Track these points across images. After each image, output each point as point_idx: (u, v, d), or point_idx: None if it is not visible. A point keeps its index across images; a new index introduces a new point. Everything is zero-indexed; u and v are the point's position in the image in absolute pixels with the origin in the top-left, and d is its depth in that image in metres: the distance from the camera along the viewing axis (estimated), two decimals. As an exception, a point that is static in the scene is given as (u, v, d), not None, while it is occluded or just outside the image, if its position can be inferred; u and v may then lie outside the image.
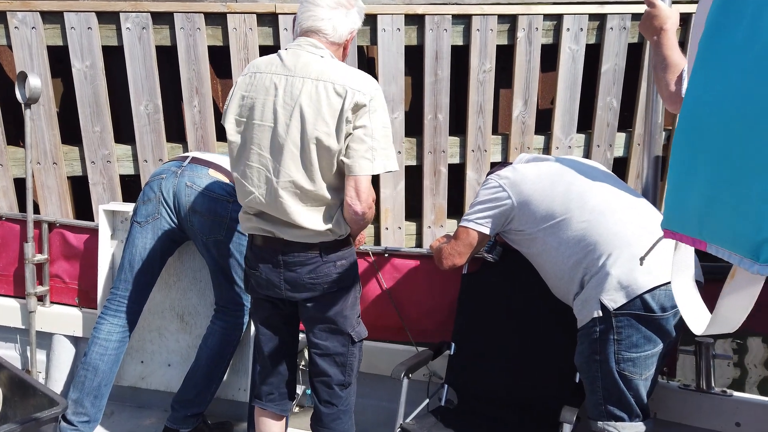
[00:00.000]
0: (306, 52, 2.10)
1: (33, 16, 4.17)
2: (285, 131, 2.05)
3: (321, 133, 2.02)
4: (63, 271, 3.29)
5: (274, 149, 2.08)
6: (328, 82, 2.04)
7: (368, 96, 2.04)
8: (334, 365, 2.28)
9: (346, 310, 2.25)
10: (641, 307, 2.00)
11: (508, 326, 2.59)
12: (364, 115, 2.04)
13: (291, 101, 2.04)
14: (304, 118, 2.03)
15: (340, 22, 2.13)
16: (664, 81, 1.98)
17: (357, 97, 2.02)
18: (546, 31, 4.69)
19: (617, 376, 2.07)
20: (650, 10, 2.10)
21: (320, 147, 2.03)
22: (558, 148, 4.87)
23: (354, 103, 2.02)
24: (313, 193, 2.08)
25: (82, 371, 2.75)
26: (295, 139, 2.04)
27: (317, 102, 2.02)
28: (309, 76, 2.05)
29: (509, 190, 2.33)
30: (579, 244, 2.15)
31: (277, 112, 2.06)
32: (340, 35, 2.15)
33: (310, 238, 2.14)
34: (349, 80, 2.04)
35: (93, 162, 4.46)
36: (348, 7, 2.15)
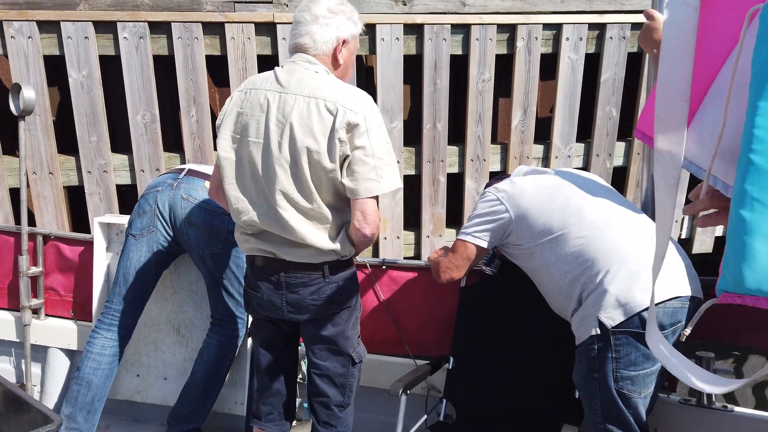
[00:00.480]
0: (300, 68, 2.08)
1: (29, 25, 4.16)
2: (278, 149, 2.03)
3: (312, 151, 1.99)
4: (58, 283, 3.27)
5: (269, 167, 2.05)
6: (320, 99, 2.01)
7: (361, 115, 2.01)
8: (333, 386, 2.26)
9: (347, 330, 2.23)
10: (639, 324, 1.98)
11: (507, 340, 2.58)
12: (362, 135, 2.01)
13: (283, 118, 2.02)
14: (294, 136, 2.00)
15: (319, 35, 2.10)
16: None
17: (349, 116, 1.99)
18: (545, 40, 4.68)
19: (616, 394, 2.06)
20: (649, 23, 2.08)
21: (312, 165, 2.01)
22: (557, 157, 4.86)
23: (346, 122, 1.98)
24: (313, 212, 2.05)
25: (75, 386, 2.72)
26: (287, 157, 2.02)
27: (308, 119, 2.00)
28: (301, 93, 2.03)
29: (507, 203, 2.32)
30: (577, 260, 2.13)
31: (270, 130, 2.04)
32: (322, 48, 2.11)
33: (313, 257, 2.10)
34: (341, 98, 2.01)
35: (89, 172, 4.44)
36: (329, 16, 2.11)
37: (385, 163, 2.04)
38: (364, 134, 2.00)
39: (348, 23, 2.15)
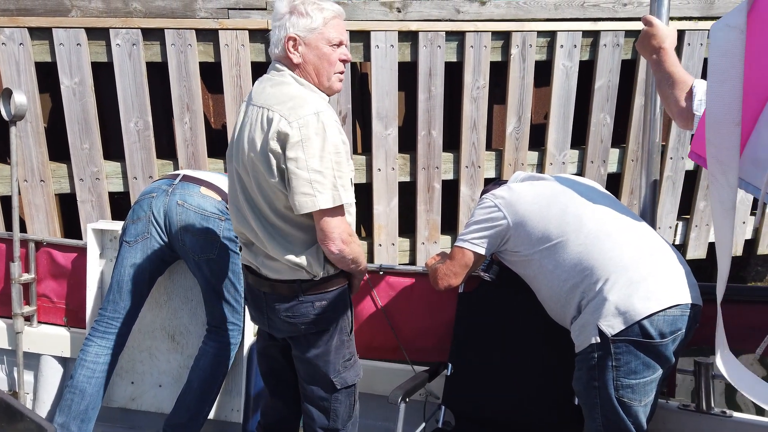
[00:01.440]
0: (269, 76, 2.05)
1: (21, 32, 4.13)
2: (240, 163, 2.03)
3: (256, 164, 1.96)
4: (51, 290, 3.24)
5: (237, 181, 2.08)
6: (266, 108, 1.95)
7: (295, 124, 1.88)
8: (316, 409, 2.24)
9: (328, 354, 2.17)
10: (639, 333, 1.97)
11: (506, 346, 2.56)
12: (295, 146, 1.87)
13: (243, 131, 2.02)
14: (246, 150, 1.99)
15: (274, 37, 2.00)
16: (672, 98, 1.97)
17: (281, 125, 1.88)
18: (540, 47, 4.70)
19: (616, 402, 2.04)
20: (648, 29, 2.09)
21: (259, 180, 1.98)
22: (552, 164, 4.87)
23: (276, 132, 1.89)
24: (277, 226, 2.02)
25: (68, 394, 2.69)
26: (245, 172, 2.02)
27: (253, 131, 1.97)
28: (257, 103, 2.00)
29: (505, 210, 2.30)
30: (576, 267, 2.12)
31: (237, 143, 2.05)
32: (276, 51, 2.00)
33: (285, 273, 2.07)
34: (281, 107, 1.91)
35: (81, 179, 4.41)
36: (284, 17, 1.97)
37: (323, 176, 1.89)
38: (296, 145, 1.87)
39: (300, 19, 1.96)
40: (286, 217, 2.00)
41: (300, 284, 2.07)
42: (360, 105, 4.82)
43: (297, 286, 2.07)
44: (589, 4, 4.86)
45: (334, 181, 1.92)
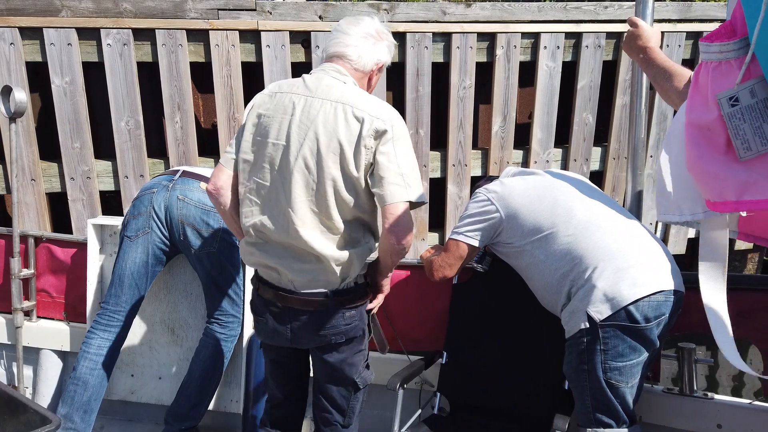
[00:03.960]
0: (329, 76, 2.07)
1: (11, 31, 4.14)
2: (297, 151, 1.99)
3: (335, 157, 1.96)
4: (50, 285, 3.26)
5: (286, 170, 2.01)
6: (348, 105, 1.98)
7: (389, 123, 1.98)
8: (335, 407, 2.27)
9: (352, 357, 2.21)
10: (626, 318, 2.06)
11: (499, 335, 2.64)
12: (388, 142, 1.98)
13: (307, 121, 1.99)
14: (318, 140, 1.97)
15: (366, 51, 2.11)
16: (672, 89, 1.98)
17: (376, 124, 1.96)
18: (524, 48, 4.79)
19: (604, 384, 2.12)
20: (633, 30, 2.17)
21: (332, 171, 1.97)
22: (536, 162, 4.96)
23: (374, 130, 1.96)
24: (324, 218, 2.01)
25: (71, 386, 2.72)
26: (307, 160, 1.98)
27: (334, 124, 1.97)
28: (328, 98, 2.00)
29: (497, 203, 2.37)
30: (565, 257, 2.20)
31: (292, 132, 2.00)
32: (365, 63, 2.12)
33: (317, 273, 2.05)
34: (369, 106, 1.99)
35: (72, 178, 4.42)
36: (377, 39, 2.14)
37: (412, 171, 2.02)
38: (389, 141, 1.98)
39: (387, 52, 2.19)
40: (342, 212, 2.02)
41: (331, 293, 2.07)
42: (349, 104, 4.87)
43: (330, 295, 2.07)
44: (571, 7, 4.96)
45: (418, 181, 2.05)
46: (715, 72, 1.26)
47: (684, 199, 1.44)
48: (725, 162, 1.28)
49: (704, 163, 1.32)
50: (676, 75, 2.01)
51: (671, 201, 1.46)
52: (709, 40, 1.29)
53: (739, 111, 1.23)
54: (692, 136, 1.32)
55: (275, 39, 4.44)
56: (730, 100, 1.23)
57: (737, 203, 1.28)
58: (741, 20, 1.24)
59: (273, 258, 2.09)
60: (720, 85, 1.27)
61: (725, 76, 1.26)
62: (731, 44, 1.24)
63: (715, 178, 1.30)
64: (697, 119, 1.31)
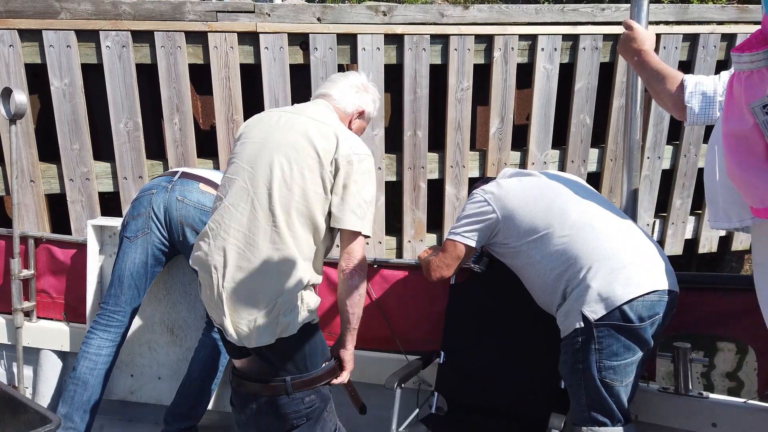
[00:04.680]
0: (316, 105, 2.28)
1: (11, 34, 4.16)
2: (270, 159, 2.10)
3: (304, 169, 2.07)
4: (50, 286, 3.27)
5: (256, 180, 2.11)
6: (325, 125, 2.14)
7: (357, 158, 2.12)
8: None
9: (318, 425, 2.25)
10: (620, 317, 2.07)
11: (496, 334, 2.65)
12: (353, 173, 2.10)
13: (301, 129, 2.13)
14: (288, 151, 2.10)
15: (348, 95, 2.33)
16: (665, 92, 2.03)
17: (346, 150, 2.10)
18: (521, 50, 4.82)
19: (599, 383, 2.14)
20: (628, 32, 2.19)
21: (293, 184, 2.06)
22: (534, 163, 4.99)
23: (346, 155, 2.09)
24: (283, 229, 2.05)
25: (71, 386, 2.73)
26: (274, 170, 2.08)
27: (314, 135, 2.11)
28: (309, 116, 2.17)
29: (494, 204, 2.39)
30: (561, 257, 2.22)
31: (269, 140, 2.15)
32: (346, 105, 2.32)
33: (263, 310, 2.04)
34: (344, 133, 2.16)
35: (71, 180, 4.44)
36: (362, 89, 2.37)
37: (368, 207, 2.14)
38: (354, 173, 2.10)
39: (370, 103, 2.41)
40: (302, 225, 2.08)
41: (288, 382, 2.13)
42: (347, 106, 4.90)
43: (284, 384, 2.13)
44: (568, 9, 4.99)
45: (371, 216, 2.19)
46: (747, 81, 1.28)
47: (731, 205, 1.46)
48: (765, 169, 1.30)
49: (743, 171, 1.33)
50: (669, 78, 2.04)
51: (720, 208, 1.48)
52: (740, 50, 1.31)
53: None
54: (730, 145, 1.34)
55: (274, 41, 4.46)
56: (764, 108, 1.24)
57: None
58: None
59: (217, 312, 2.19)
60: (753, 94, 1.28)
61: (758, 84, 1.27)
62: (761, 53, 1.26)
63: (754, 186, 1.31)
64: (733, 128, 1.32)
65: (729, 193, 1.47)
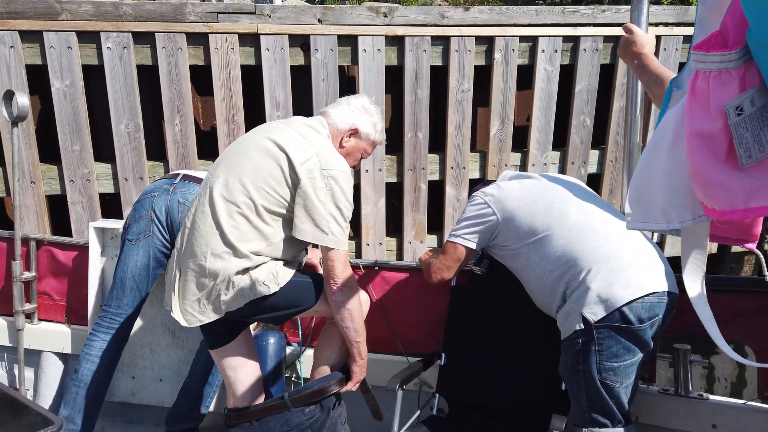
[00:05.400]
0: (310, 119, 2.38)
1: (11, 35, 4.17)
2: (236, 154, 2.25)
3: (273, 170, 2.16)
4: (51, 288, 3.27)
5: (216, 171, 2.28)
6: (306, 141, 2.22)
7: (331, 171, 2.18)
8: None
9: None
10: (620, 319, 2.08)
11: (496, 336, 2.66)
12: (320, 188, 2.16)
13: (266, 133, 2.26)
14: (254, 149, 2.22)
15: (345, 112, 2.41)
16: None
17: (316, 165, 2.16)
18: (522, 52, 4.83)
19: (600, 384, 2.15)
20: (628, 36, 2.20)
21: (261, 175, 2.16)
22: (534, 165, 5.00)
23: (315, 170, 2.15)
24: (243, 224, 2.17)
25: (73, 388, 2.73)
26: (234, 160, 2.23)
27: (290, 145, 2.19)
28: (295, 129, 2.25)
29: (494, 206, 2.40)
30: (560, 259, 2.23)
31: (247, 139, 2.31)
32: (338, 122, 2.38)
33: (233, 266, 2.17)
34: (323, 150, 2.21)
35: (72, 181, 4.45)
36: (362, 111, 2.44)
37: (335, 221, 2.18)
38: (321, 188, 2.16)
39: (368, 124, 2.44)
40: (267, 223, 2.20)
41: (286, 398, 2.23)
42: (348, 107, 4.91)
43: (282, 401, 2.23)
44: (569, 10, 5.00)
45: (342, 231, 2.23)
46: (715, 81, 1.28)
47: (673, 207, 1.46)
48: (728, 171, 1.30)
49: (712, 172, 1.34)
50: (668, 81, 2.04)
51: (656, 209, 1.47)
52: (704, 49, 1.31)
53: (743, 120, 1.25)
54: (696, 146, 1.34)
55: (274, 42, 4.47)
56: (737, 109, 1.24)
57: (746, 211, 1.29)
58: (733, 30, 1.26)
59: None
60: (723, 94, 1.28)
61: (727, 85, 1.28)
62: (733, 54, 1.26)
63: (722, 187, 1.31)
64: (700, 128, 1.32)
65: (673, 194, 1.47)
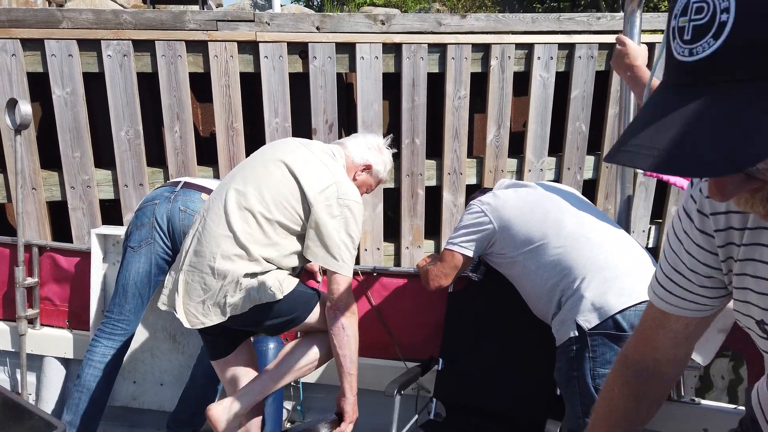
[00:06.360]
0: (329, 145, 2.45)
1: (13, 43, 4.19)
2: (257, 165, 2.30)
3: (293, 190, 2.19)
4: (53, 293, 3.30)
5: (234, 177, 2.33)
6: (327, 169, 2.27)
7: (347, 201, 2.22)
8: None
9: None
10: (613, 326, 2.11)
11: (493, 342, 2.70)
12: (336, 215, 2.20)
13: (301, 158, 2.29)
14: (275, 165, 2.26)
15: (361, 148, 2.49)
16: None
17: (334, 193, 2.21)
18: (518, 59, 4.86)
19: (593, 390, 2.17)
20: (621, 48, 2.24)
21: (272, 188, 2.20)
22: (530, 170, 5.03)
23: (332, 198, 2.20)
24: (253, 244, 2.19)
25: (76, 393, 2.77)
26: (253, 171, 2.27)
27: (311, 168, 2.25)
28: (317, 155, 2.29)
29: (491, 215, 2.44)
30: (555, 268, 2.26)
31: (267, 152, 2.38)
32: (354, 156, 2.47)
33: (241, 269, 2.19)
34: (341, 179, 2.26)
35: (73, 187, 4.48)
36: (376, 149, 2.53)
37: (345, 248, 2.21)
38: (336, 216, 2.20)
39: (380, 163, 2.53)
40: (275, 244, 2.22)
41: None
42: (346, 114, 4.95)
43: None
44: (564, 18, 5.03)
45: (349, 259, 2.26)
46: None
47: None
48: None
49: None
50: None
51: None
52: None
53: None
54: None
55: (273, 50, 4.51)
56: None
57: None
58: None
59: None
60: None
61: None
62: None
63: None
64: None
65: None
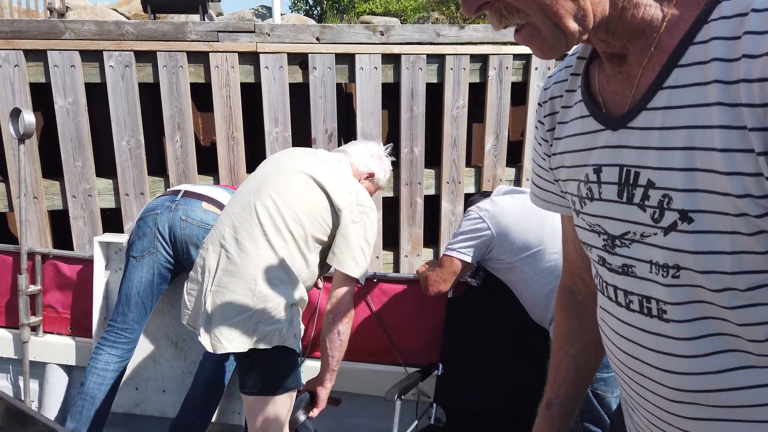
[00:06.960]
0: (336, 156, 2.41)
1: (16, 54, 4.23)
2: (279, 178, 2.23)
3: (322, 202, 2.17)
4: (56, 301, 3.32)
5: (260, 192, 2.24)
6: (344, 177, 2.26)
7: (366, 209, 2.22)
8: None
9: None
10: None
11: (492, 346, 2.73)
12: (359, 222, 2.20)
13: (319, 165, 2.27)
14: (298, 176, 2.21)
15: (365, 156, 2.47)
16: None
17: (359, 201, 2.20)
18: (516, 69, 4.91)
19: (591, 394, 2.21)
20: None
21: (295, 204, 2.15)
22: (528, 179, 5.07)
23: (356, 203, 2.19)
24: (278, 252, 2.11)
25: (79, 401, 2.78)
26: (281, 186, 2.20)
27: (328, 175, 2.22)
28: (332, 165, 2.29)
29: (489, 221, 2.48)
30: (552, 273, 2.30)
31: (284, 162, 2.30)
32: (359, 164, 2.45)
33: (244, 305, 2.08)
34: (358, 188, 2.26)
35: (74, 196, 4.50)
36: (376, 157, 2.50)
37: (365, 256, 2.21)
38: (359, 223, 2.20)
39: (381, 171, 2.51)
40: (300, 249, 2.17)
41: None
42: (345, 124, 4.99)
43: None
44: (561, 29, 5.08)
45: (366, 267, 2.24)
46: None
47: None
48: None
49: None
50: None
51: None
52: None
53: None
54: None
55: (273, 60, 4.55)
56: None
57: None
58: None
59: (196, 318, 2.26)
60: None
61: None
62: None
63: None
64: None
65: None
